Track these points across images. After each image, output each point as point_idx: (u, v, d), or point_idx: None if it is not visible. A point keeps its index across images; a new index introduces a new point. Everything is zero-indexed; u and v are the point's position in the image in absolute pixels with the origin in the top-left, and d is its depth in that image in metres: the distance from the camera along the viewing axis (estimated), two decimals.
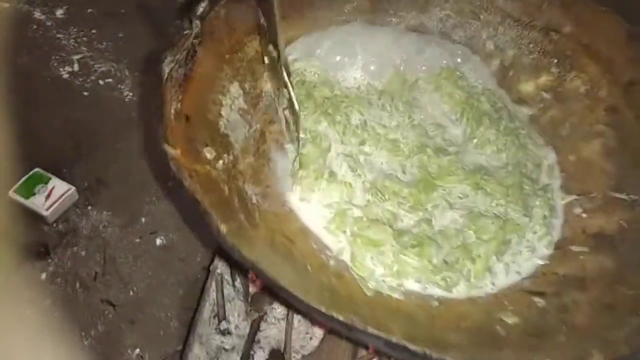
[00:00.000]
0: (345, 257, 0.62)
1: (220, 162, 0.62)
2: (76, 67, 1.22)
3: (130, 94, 1.19)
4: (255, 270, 0.46)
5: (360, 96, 0.76)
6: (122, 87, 1.20)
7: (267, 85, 0.74)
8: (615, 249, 0.66)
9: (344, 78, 0.78)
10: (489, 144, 0.74)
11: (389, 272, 0.60)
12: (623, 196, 0.70)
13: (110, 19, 1.32)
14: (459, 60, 0.81)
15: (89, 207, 1.00)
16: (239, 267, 0.62)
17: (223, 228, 0.50)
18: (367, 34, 0.82)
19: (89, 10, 1.34)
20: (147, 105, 1.14)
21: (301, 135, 0.69)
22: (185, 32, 0.62)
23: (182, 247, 0.98)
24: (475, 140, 0.75)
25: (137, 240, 0.98)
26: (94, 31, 1.30)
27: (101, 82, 1.20)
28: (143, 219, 1.00)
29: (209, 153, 0.61)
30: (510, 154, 0.73)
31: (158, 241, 0.98)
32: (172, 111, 0.58)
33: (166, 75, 0.58)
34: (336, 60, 0.80)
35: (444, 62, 0.81)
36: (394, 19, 0.85)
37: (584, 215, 0.71)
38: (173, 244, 0.98)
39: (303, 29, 0.80)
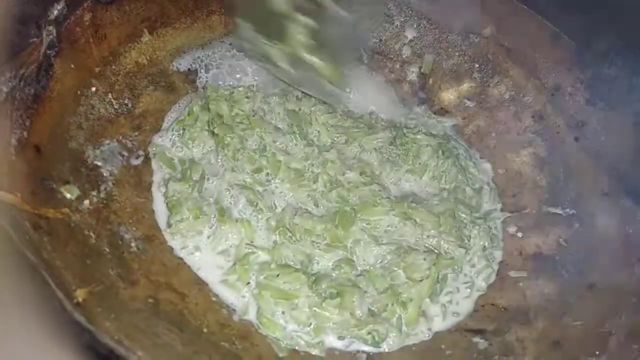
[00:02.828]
0: (251, 315, 0.50)
1: (86, 202, 0.50)
2: None
3: None
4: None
5: (265, 119, 0.63)
6: None
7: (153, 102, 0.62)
8: (556, 272, 0.59)
9: (250, 96, 0.65)
10: (425, 171, 0.64)
11: (304, 329, 0.50)
12: (558, 211, 0.63)
13: None
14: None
15: None
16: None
17: (79, 294, 0.38)
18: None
19: None
20: None
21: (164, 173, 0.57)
22: (32, 41, 0.49)
23: None
24: (407, 167, 0.65)
25: None
26: None
27: None
28: None
29: (68, 192, 0.48)
30: (450, 177, 0.64)
31: None
32: (14, 142, 0.45)
33: (3, 97, 0.45)
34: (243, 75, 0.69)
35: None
36: None
37: (519, 234, 0.64)
38: None
39: (195, 36, 0.68)
